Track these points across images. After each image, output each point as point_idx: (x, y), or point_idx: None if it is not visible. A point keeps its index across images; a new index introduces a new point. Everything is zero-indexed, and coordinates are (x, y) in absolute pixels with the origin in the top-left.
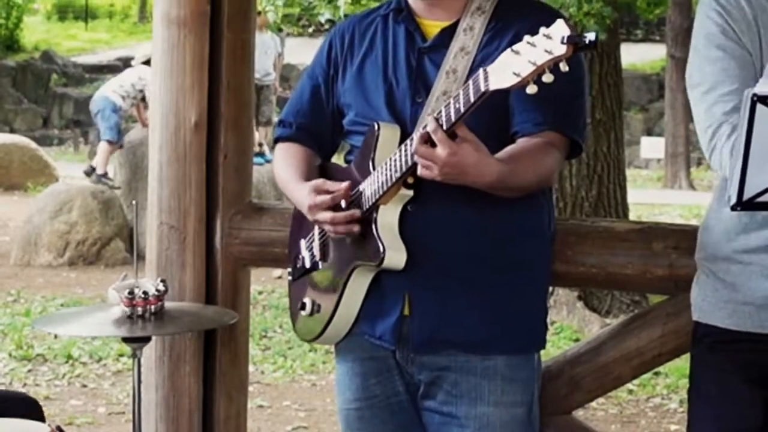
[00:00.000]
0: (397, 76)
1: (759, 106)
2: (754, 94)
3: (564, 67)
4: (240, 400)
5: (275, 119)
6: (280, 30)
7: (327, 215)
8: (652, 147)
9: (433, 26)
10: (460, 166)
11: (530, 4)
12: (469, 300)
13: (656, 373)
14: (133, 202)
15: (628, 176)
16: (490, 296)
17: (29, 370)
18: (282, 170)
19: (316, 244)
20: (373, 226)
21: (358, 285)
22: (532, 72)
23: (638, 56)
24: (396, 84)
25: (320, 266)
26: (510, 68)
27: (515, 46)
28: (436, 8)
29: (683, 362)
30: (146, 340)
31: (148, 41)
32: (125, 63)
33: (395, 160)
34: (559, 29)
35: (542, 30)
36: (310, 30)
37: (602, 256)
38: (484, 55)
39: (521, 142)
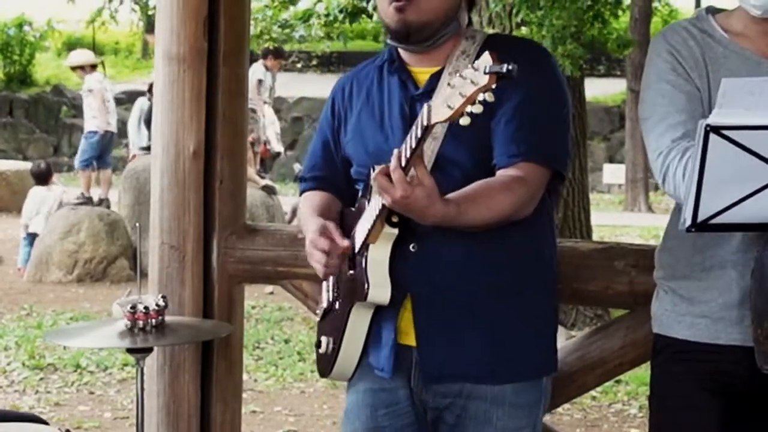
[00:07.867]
0: (392, 124)
1: (712, 136)
2: (708, 125)
3: (489, 97)
4: (235, 405)
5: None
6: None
7: (321, 258)
8: (613, 173)
9: (423, 73)
10: (408, 207)
11: (517, 44)
12: (474, 332)
13: (617, 381)
14: (137, 224)
15: (591, 200)
16: (495, 325)
17: (41, 379)
18: (302, 213)
19: (331, 285)
20: (363, 264)
21: (358, 322)
22: (463, 103)
23: (601, 90)
24: (391, 132)
25: (336, 306)
26: (446, 102)
27: (451, 81)
28: (425, 58)
29: (643, 371)
30: (148, 350)
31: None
32: (129, 96)
33: (376, 201)
34: (484, 61)
35: (475, 63)
36: (299, 66)
37: (568, 273)
38: None
39: (485, 181)
